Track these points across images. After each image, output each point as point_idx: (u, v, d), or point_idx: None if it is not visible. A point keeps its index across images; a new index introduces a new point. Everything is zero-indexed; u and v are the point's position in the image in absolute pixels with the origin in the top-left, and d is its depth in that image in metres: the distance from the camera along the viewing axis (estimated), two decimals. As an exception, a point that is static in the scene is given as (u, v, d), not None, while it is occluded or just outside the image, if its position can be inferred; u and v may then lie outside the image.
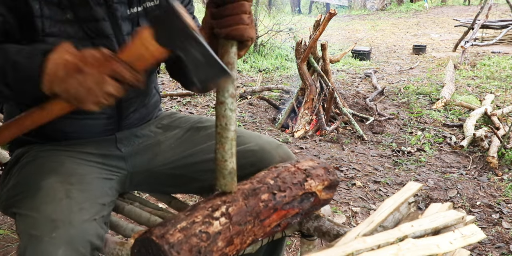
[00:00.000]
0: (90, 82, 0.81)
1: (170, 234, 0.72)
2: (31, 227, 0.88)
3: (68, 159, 1.05)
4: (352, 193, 2.52)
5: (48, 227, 0.86)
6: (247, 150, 1.10)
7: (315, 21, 3.74)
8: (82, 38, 0.99)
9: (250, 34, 0.85)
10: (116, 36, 1.02)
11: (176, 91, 4.66)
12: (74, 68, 0.81)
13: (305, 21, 9.98)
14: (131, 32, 1.06)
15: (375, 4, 16.45)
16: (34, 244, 0.85)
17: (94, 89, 0.81)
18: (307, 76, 3.71)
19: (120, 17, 1.02)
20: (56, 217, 0.88)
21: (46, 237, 0.85)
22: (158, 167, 1.17)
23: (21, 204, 0.94)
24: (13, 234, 1.95)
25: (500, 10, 10.63)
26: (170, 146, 1.18)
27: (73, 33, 0.97)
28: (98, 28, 0.99)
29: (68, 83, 0.81)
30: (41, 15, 0.94)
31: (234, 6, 0.84)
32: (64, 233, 0.86)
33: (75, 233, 0.87)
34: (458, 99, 4.35)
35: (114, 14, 1.01)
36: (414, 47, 7.65)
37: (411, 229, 0.83)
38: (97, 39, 1.00)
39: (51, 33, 0.95)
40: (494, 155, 2.92)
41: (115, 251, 0.97)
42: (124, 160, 1.15)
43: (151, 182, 1.20)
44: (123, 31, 1.03)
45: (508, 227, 2.19)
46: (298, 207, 0.90)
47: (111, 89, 0.82)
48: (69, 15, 0.97)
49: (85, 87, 0.81)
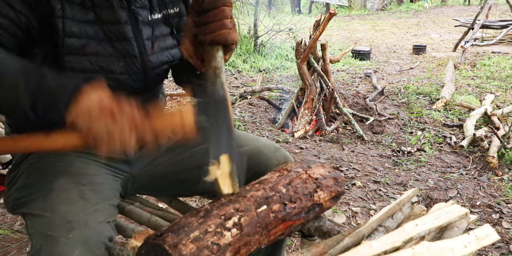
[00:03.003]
0: (117, 132, 0.83)
1: (183, 244, 0.71)
2: (46, 228, 0.88)
3: (77, 159, 1.05)
4: (352, 193, 2.52)
5: (64, 228, 0.87)
6: (245, 153, 1.10)
7: (315, 21, 3.74)
8: (103, 39, 1.00)
9: (233, 37, 0.89)
10: (136, 40, 1.03)
11: (176, 91, 4.66)
12: (109, 113, 0.83)
13: (305, 21, 9.97)
14: (151, 37, 1.07)
15: (375, 4, 16.44)
16: (49, 245, 0.85)
17: (116, 139, 0.83)
18: (307, 76, 3.71)
19: (142, 22, 1.04)
20: (72, 218, 0.89)
21: (62, 237, 0.85)
22: (158, 169, 1.17)
23: (33, 204, 0.94)
24: (13, 234, 1.95)
25: (500, 10, 10.63)
26: (169, 148, 1.18)
27: (93, 34, 0.98)
28: (120, 31, 1.00)
29: (97, 123, 0.82)
30: (62, 15, 0.94)
31: (215, 12, 0.87)
32: (80, 234, 0.87)
33: (91, 234, 0.88)
34: (458, 99, 4.35)
35: (136, 18, 1.03)
36: (414, 47, 7.65)
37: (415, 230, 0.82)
38: (117, 42, 1.01)
39: (71, 34, 0.96)
40: (494, 155, 2.92)
41: (116, 251, 0.97)
42: (128, 164, 1.15)
43: (153, 185, 1.20)
44: (143, 35, 1.04)
45: (508, 227, 2.19)
46: (304, 217, 0.91)
47: (130, 144, 0.84)
48: (91, 16, 0.97)
49: (110, 133, 0.83)
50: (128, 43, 1.02)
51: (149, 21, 1.06)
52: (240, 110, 4.07)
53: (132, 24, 1.02)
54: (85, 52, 0.98)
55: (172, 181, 1.17)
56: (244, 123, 3.69)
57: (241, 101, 4.30)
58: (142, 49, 1.05)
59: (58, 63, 0.98)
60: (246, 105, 4.18)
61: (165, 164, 1.16)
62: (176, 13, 1.13)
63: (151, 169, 1.17)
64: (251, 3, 7.37)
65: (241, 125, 3.63)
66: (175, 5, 1.13)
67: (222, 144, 0.85)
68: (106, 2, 0.98)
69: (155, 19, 1.08)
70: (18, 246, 1.87)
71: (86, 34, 0.97)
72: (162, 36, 1.10)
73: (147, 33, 1.06)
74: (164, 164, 1.17)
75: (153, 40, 1.08)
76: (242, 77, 5.48)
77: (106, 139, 0.82)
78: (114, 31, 1.00)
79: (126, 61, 1.03)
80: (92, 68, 1.00)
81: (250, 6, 7.55)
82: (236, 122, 3.68)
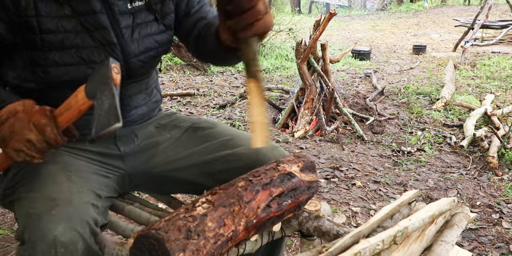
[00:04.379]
0: (17, 126, 0.88)
1: (155, 225, 0.75)
2: (29, 207, 0.90)
3: (67, 153, 1.08)
4: (352, 193, 2.52)
5: (47, 205, 0.89)
6: (242, 152, 1.11)
7: (315, 21, 3.74)
8: (80, 31, 1.00)
9: (269, 25, 0.82)
10: (113, 29, 1.04)
11: (176, 91, 4.66)
12: (12, 113, 0.89)
13: (305, 21, 9.98)
14: (131, 25, 1.07)
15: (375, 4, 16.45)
16: (32, 222, 0.87)
17: (18, 133, 0.87)
18: (307, 76, 3.71)
19: (118, 11, 1.04)
20: (56, 196, 0.92)
21: (46, 214, 0.87)
22: (156, 168, 1.17)
23: (20, 189, 0.97)
24: (13, 234, 1.95)
25: (500, 10, 10.63)
26: (168, 147, 1.19)
27: (70, 28, 0.99)
28: (96, 20, 1.01)
29: (2, 125, 0.88)
30: (36, 13, 0.95)
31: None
32: (63, 210, 0.88)
33: (74, 212, 0.90)
34: (458, 99, 4.35)
35: (111, 8, 1.03)
36: (414, 47, 7.65)
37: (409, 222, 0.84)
38: (95, 32, 1.02)
39: (47, 30, 0.97)
40: (494, 155, 2.92)
41: (115, 251, 0.97)
42: (122, 160, 1.16)
43: (149, 183, 1.20)
44: (121, 23, 1.05)
45: (508, 227, 2.19)
46: (281, 186, 0.92)
47: (32, 137, 0.87)
48: (67, 10, 0.98)
49: (11, 130, 0.88)
50: (106, 31, 1.02)
51: (129, 9, 1.06)
52: (240, 110, 4.07)
53: (107, 13, 1.02)
54: (64, 46, 1.00)
55: (169, 179, 1.18)
56: (244, 123, 3.69)
57: (241, 101, 4.30)
58: (120, 37, 1.05)
59: (40, 60, 1.00)
60: (246, 105, 4.19)
61: (162, 162, 1.17)
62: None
63: (148, 167, 1.17)
64: (251, 3, 7.36)
65: (241, 125, 3.63)
66: None
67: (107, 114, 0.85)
68: None
69: (137, 7, 1.07)
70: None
71: (63, 28, 0.98)
72: (144, 23, 1.10)
73: (126, 21, 1.06)
74: (161, 162, 1.17)
75: (133, 27, 1.08)
76: (242, 77, 5.49)
77: (9, 136, 0.88)
78: (91, 21, 1.01)
79: (106, 49, 1.04)
80: (74, 60, 1.01)
81: (250, 6, 7.55)
82: (236, 122, 3.68)
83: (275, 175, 0.93)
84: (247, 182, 0.89)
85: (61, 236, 0.84)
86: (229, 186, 0.87)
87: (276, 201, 0.90)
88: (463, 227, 0.92)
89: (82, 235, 0.88)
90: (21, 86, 1.06)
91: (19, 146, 0.88)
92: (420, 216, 0.87)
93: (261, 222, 0.87)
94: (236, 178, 0.91)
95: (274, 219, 0.91)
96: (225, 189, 0.86)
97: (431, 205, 0.93)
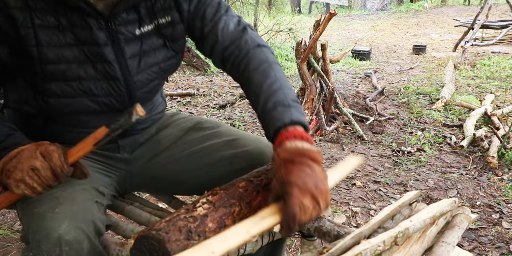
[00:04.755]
0: (23, 156, 0.87)
1: (155, 226, 0.75)
2: (33, 207, 0.89)
3: None
4: (352, 193, 2.52)
5: (51, 203, 0.88)
6: (246, 153, 1.10)
7: (315, 21, 3.74)
8: (83, 62, 0.95)
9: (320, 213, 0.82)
10: (118, 61, 0.98)
11: (176, 91, 4.66)
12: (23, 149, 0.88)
13: (305, 21, 9.98)
14: (138, 53, 1.01)
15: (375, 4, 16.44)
16: (37, 221, 0.86)
17: (22, 162, 0.86)
18: (307, 76, 3.71)
19: (124, 40, 0.98)
20: (59, 195, 0.91)
21: (49, 212, 0.86)
22: (158, 168, 1.17)
23: None
24: (13, 234, 1.95)
25: (500, 10, 10.63)
26: (170, 146, 1.18)
27: (73, 58, 0.94)
28: (99, 53, 0.95)
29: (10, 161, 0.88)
30: (36, 43, 0.90)
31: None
32: (67, 208, 0.88)
33: (78, 209, 0.89)
34: (458, 99, 4.35)
35: (117, 38, 0.97)
36: (414, 47, 7.65)
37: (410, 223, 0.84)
38: (98, 63, 0.96)
39: (48, 61, 0.92)
40: (494, 155, 2.92)
41: (115, 251, 0.97)
42: (124, 161, 1.15)
43: (151, 183, 1.20)
44: (126, 54, 0.99)
45: (508, 227, 2.19)
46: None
47: (37, 164, 0.86)
48: (69, 37, 0.93)
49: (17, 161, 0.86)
50: (110, 65, 0.97)
51: (137, 35, 1.00)
52: (240, 110, 4.07)
53: (113, 45, 0.96)
54: (66, 77, 0.95)
55: (171, 180, 1.17)
56: (244, 123, 3.69)
57: (241, 101, 4.30)
58: (124, 70, 0.99)
59: (41, 90, 0.96)
60: (246, 105, 4.18)
61: (163, 163, 1.16)
62: (169, 22, 1.04)
63: (150, 168, 1.17)
64: (251, 3, 7.37)
65: (241, 125, 3.63)
66: (166, 14, 1.03)
67: None
68: (84, 23, 0.93)
69: (145, 32, 1.01)
70: (18, 246, 1.87)
71: (64, 58, 0.93)
72: (152, 50, 1.04)
73: (133, 50, 1.00)
74: (162, 163, 1.17)
75: (140, 55, 1.02)
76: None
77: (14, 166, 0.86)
78: (94, 53, 0.95)
79: (110, 83, 0.99)
80: (75, 93, 0.97)
81: (250, 6, 7.55)
82: (236, 122, 3.68)
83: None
84: (247, 183, 0.88)
85: (65, 235, 0.83)
86: (229, 187, 0.87)
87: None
88: (464, 228, 0.92)
89: (87, 234, 0.87)
90: (23, 109, 1.02)
91: (22, 175, 0.85)
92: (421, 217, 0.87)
93: None
94: (236, 179, 0.91)
95: None
96: (225, 189, 0.86)
97: (432, 206, 0.93)
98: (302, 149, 0.82)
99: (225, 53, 1.05)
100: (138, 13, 0.99)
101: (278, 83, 0.96)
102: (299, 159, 0.81)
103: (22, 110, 1.03)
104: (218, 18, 1.06)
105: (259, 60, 1.01)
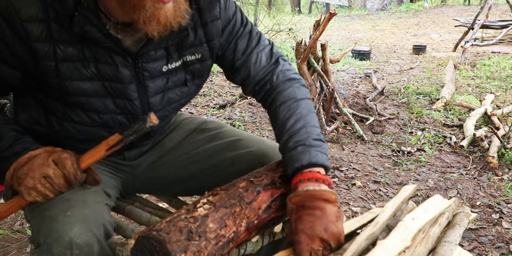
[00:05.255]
0: (35, 164, 0.86)
1: (156, 226, 0.75)
2: (44, 209, 0.89)
3: None
4: (352, 193, 2.52)
5: (62, 206, 0.88)
6: (249, 155, 1.10)
7: (315, 21, 3.73)
8: (104, 96, 0.93)
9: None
10: (140, 99, 0.96)
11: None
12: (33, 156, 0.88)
13: (305, 21, 9.97)
14: (162, 89, 0.98)
15: (375, 4, 16.44)
16: (48, 223, 0.85)
17: (34, 170, 0.85)
18: (307, 76, 3.71)
19: (149, 78, 0.95)
20: (70, 197, 0.90)
21: (61, 215, 0.86)
22: (161, 170, 1.16)
23: None
24: (13, 234, 1.95)
25: (500, 10, 10.63)
26: (174, 147, 1.18)
27: (92, 91, 0.92)
28: (122, 90, 0.93)
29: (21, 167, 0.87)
30: (57, 75, 0.89)
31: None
32: (79, 211, 0.87)
33: (89, 213, 0.89)
34: (458, 99, 4.35)
35: (143, 75, 0.94)
36: (414, 47, 7.65)
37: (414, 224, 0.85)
38: (119, 99, 0.95)
39: (67, 93, 0.91)
40: (494, 155, 2.92)
41: (116, 251, 0.97)
42: (129, 166, 1.15)
43: (153, 184, 1.20)
44: (150, 92, 0.96)
45: (508, 227, 2.19)
46: (282, 187, 0.92)
47: (50, 172, 0.85)
48: (91, 72, 0.90)
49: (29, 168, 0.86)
50: (131, 103, 0.96)
51: (164, 72, 0.97)
52: (240, 110, 4.07)
53: (136, 82, 0.94)
54: (85, 108, 0.94)
55: (173, 182, 1.17)
56: (244, 123, 3.69)
57: (241, 101, 4.30)
58: (145, 108, 0.98)
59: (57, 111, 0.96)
60: (246, 105, 4.18)
61: (167, 165, 1.16)
62: (198, 59, 1.01)
63: (153, 169, 1.17)
64: (251, 3, 7.37)
65: (241, 125, 3.63)
66: (196, 51, 0.99)
67: None
68: (109, 59, 0.90)
69: (172, 69, 0.98)
70: (18, 246, 1.87)
71: (84, 92, 0.91)
72: (176, 87, 1.01)
73: (157, 87, 0.97)
74: (166, 164, 1.16)
75: (164, 92, 0.99)
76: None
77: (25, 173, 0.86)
78: (116, 90, 0.93)
79: (128, 118, 0.98)
80: (92, 123, 0.97)
81: (250, 6, 7.55)
82: (236, 122, 3.68)
83: (276, 176, 0.93)
84: (248, 183, 0.88)
85: (77, 238, 0.83)
86: (230, 187, 0.87)
87: (277, 202, 0.90)
88: (465, 226, 0.93)
89: (97, 237, 0.87)
90: (32, 128, 1.01)
91: (34, 183, 0.85)
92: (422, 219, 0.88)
93: (262, 222, 0.87)
94: (237, 179, 0.91)
95: (275, 220, 0.91)
96: (226, 190, 0.86)
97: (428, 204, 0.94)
98: (314, 191, 0.83)
99: (257, 86, 1.06)
100: (167, 50, 0.96)
101: (303, 121, 0.96)
102: (310, 203, 0.82)
103: (32, 129, 1.01)
104: (250, 52, 1.04)
105: (286, 96, 1.01)
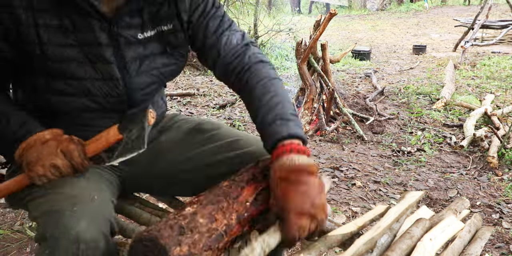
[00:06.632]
0: (45, 153, 0.92)
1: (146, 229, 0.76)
2: (50, 205, 0.90)
3: None
4: (352, 193, 2.52)
5: (69, 201, 0.89)
6: (248, 154, 1.09)
7: (315, 21, 3.74)
8: (83, 62, 0.98)
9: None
10: (117, 62, 1.00)
11: (176, 91, 4.66)
12: (41, 140, 0.94)
13: (305, 21, 9.97)
14: (138, 56, 1.03)
15: (375, 4, 16.44)
16: (54, 219, 0.86)
17: (44, 159, 0.92)
18: (307, 76, 3.71)
19: (125, 43, 1.00)
20: (76, 193, 0.92)
21: (68, 211, 0.86)
22: (158, 170, 1.16)
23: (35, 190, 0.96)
24: (13, 234, 1.95)
25: (500, 10, 10.63)
26: (171, 148, 1.18)
27: (72, 57, 0.97)
28: (100, 53, 0.98)
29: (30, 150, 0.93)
30: (39, 41, 0.94)
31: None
32: (85, 207, 0.89)
33: (96, 209, 0.90)
34: (458, 99, 4.35)
35: (117, 40, 0.99)
36: (414, 47, 7.65)
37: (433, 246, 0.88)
38: (98, 64, 0.99)
39: (49, 58, 0.95)
40: (494, 155, 2.92)
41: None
42: (126, 165, 1.15)
43: (151, 185, 1.20)
44: (126, 56, 1.01)
45: (508, 227, 2.19)
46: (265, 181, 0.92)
47: (58, 162, 0.92)
48: (71, 39, 0.95)
49: (38, 155, 0.92)
50: (109, 66, 0.99)
51: (139, 39, 1.02)
52: (240, 110, 4.07)
53: (113, 47, 0.98)
54: (66, 75, 0.98)
55: (171, 181, 1.17)
56: (244, 123, 3.69)
57: (241, 101, 4.30)
58: (123, 71, 1.01)
59: (42, 88, 1.00)
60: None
61: (165, 165, 1.16)
62: (170, 30, 1.06)
63: (150, 169, 1.17)
64: (251, 3, 7.37)
65: (241, 125, 3.63)
66: (168, 21, 1.05)
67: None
68: (86, 24, 0.95)
69: (148, 37, 1.03)
70: (18, 246, 1.87)
71: (65, 58, 0.96)
72: (152, 55, 1.06)
73: (133, 53, 1.02)
74: (164, 165, 1.16)
75: (140, 59, 1.04)
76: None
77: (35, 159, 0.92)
78: (94, 53, 0.97)
79: (108, 84, 1.01)
80: (76, 91, 0.99)
81: (250, 6, 7.55)
82: (236, 122, 3.68)
83: (257, 171, 0.94)
84: (230, 181, 0.90)
85: (84, 233, 0.84)
86: (214, 188, 0.89)
87: (263, 194, 0.91)
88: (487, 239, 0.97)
89: (104, 233, 0.87)
90: (28, 108, 1.05)
91: (44, 171, 0.92)
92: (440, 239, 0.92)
93: (253, 215, 0.88)
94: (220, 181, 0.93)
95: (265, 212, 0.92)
96: (210, 190, 0.88)
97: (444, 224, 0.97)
98: (298, 165, 0.85)
99: (228, 68, 1.08)
100: (142, 18, 1.01)
101: (280, 97, 1.00)
102: (294, 177, 0.84)
103: (28, 108, 1.05)
104: (222, 32, 1.08)
105: (260, 75, 1.04)
